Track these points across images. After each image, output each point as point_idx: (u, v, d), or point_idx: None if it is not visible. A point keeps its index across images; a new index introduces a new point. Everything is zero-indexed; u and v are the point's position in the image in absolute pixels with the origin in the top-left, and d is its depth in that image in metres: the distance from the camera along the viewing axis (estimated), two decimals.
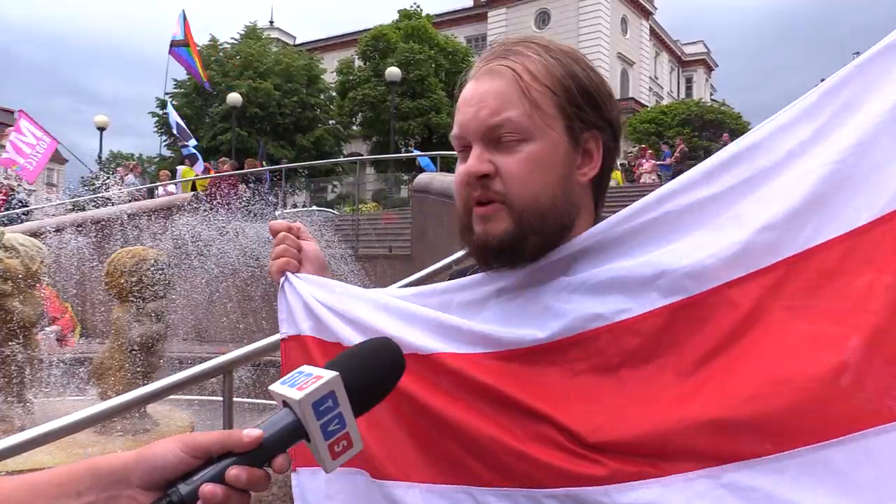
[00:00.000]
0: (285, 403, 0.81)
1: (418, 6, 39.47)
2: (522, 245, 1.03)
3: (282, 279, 1.26)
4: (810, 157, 0.92)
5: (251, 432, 0.77)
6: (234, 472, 0.75)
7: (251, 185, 15.62)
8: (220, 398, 2.69)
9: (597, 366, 0.95)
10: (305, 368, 0.83)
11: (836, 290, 0.87)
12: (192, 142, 20.76)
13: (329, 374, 0.80)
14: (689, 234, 0.96)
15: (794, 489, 0.83)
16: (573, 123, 1.05)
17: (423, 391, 1.05)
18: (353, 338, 1.12)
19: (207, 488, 0.74)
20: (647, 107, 45.95)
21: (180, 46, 22.67)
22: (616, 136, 1.12)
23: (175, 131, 20.99)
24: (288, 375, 0.83)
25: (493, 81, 1.05)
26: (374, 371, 0.86)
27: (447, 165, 14.82)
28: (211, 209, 11.26)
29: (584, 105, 1.06)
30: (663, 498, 0.87)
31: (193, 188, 15.92)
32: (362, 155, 33.15)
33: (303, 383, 0.79)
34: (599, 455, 0.90)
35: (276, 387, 0.82)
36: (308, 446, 0.81)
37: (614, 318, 0.95)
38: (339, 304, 1.18)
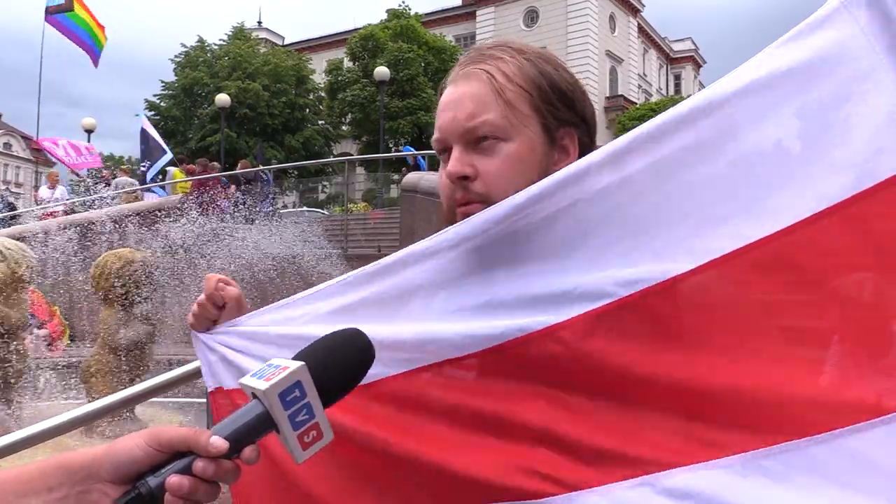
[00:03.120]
0: (255, 395, 0.81)
1: (407, 6, 39.45)
2: None
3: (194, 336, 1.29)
4: (728, 151, 0.86)
5: (216, 442, 0.77)
6: (201, 464, 0.76)
7: (242, 186, 15.52)
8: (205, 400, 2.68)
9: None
10: (275, 360, 0.83)
11: (802, 279, 0.83)
12: (163, 159, 17.87)
13: (295, 365, 0.80)
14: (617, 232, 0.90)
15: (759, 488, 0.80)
16: (548, 121, 1.08)
17: (374, 426, 1.03)
18: None
19: (174, 480, 0.75)
20: (636, 104, 46.08)
21: (59, 13, 18.81)
22: (591, 132, 1.14)
23: (143, 147, 17.82)
24: (258, 368, 0.84)
25: (469, 85, 1.09)
26: (341, 361, 0.86)
27: (436, 164, 14.80)
28: (198, 211, 11.22)
29: (557, 103, 1.09)
30: None
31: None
32: (352, 155, 33.10)
33: (270, 374, 0.80)
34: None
35: (245, 379, 0.83)
36: (278, 437, 0.81)
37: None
38: (262, 346, 1.17)
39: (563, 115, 1.10)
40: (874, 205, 0.79)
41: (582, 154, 1.08)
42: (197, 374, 2.59)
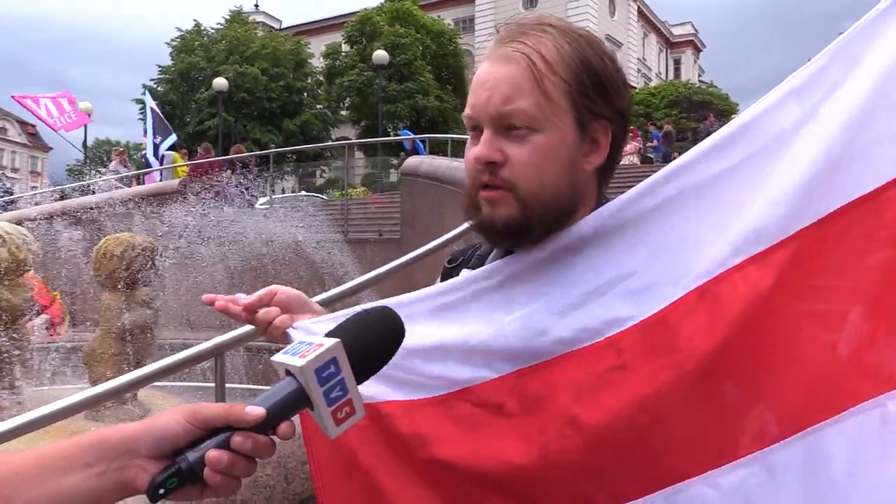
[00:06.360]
0: (288, 372, 0.83)
1: None
2: (527, 230, 1.06)
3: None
4: (808, 134, 0.93)
5: (254, 410, 0.79)
6: (239, 439, 0.79)
7: (237, 171, 15.42)
8: (213, 384, 2.67)
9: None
10: (307, 338, 0.85)
11: (840, 264, 0.88)
12: (170, 139, 17.75)
13: (330, 342, 0.82)
14: (696, 218, 0.98)
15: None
16: (582, 114, 1.06)
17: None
18: None
19: (213, 454, 0.77)
20: (636, 88, 45.91)
21: None
22: (626, 126, 1.13)
23: (150, 126, 17.62)
24: (290, 346, 0.86)
25: (507, 67, 1.06)
26: (374, 338, 0.89)
27: (435, 149, 14.75)
28: (196, 195, 11.18)
29: (595, 96, 1.07)
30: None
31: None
32: (351, 139, 32.98)
33: (305, 351, 0.82)
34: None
35: (278, 356, 0.85)
36: (311, 414, 0.84)
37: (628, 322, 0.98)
38: None
39: (599, 108, 1.07)
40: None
41: (613, 147, 1.12)
42: (201, 357, 2.59)
